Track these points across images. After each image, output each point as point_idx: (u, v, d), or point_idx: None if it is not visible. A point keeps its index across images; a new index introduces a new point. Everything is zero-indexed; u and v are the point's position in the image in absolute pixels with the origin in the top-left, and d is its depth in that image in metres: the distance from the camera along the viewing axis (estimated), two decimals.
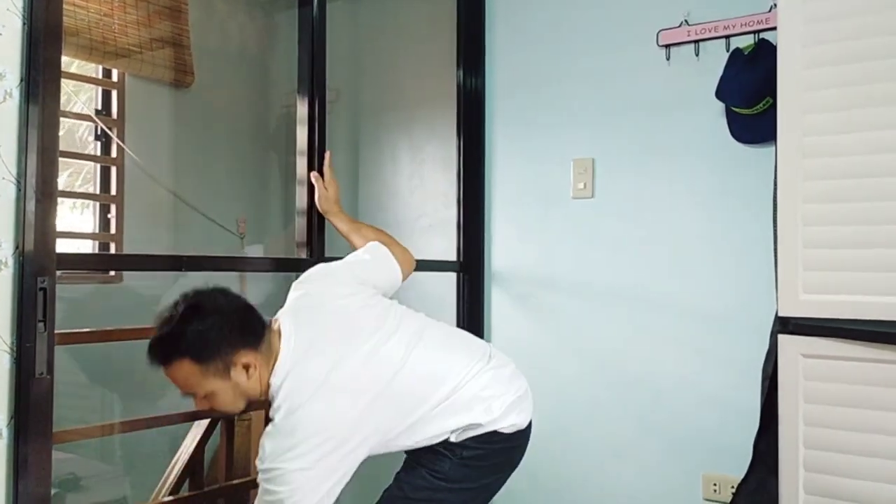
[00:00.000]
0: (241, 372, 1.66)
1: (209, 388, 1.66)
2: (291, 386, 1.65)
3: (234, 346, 1.65)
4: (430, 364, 1.78)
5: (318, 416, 1.62)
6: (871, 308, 1.68)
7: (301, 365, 1.67)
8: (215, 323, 1.64)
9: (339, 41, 3.29)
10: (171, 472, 2.39)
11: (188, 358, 1.62)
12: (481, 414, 1.76)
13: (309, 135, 2.42)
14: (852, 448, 1.71)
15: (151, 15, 3.26)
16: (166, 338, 1.64)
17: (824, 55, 1.74)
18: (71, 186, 3.44)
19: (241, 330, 1.67)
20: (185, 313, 1.64)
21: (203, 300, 1.68)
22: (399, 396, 1.72)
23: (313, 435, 1.60)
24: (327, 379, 1.65)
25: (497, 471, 1.86)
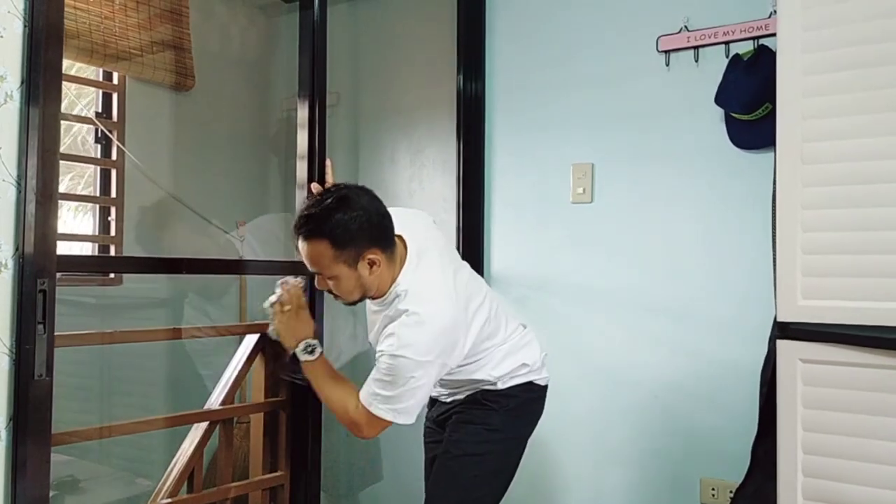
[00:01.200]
0: (367, 266, 1.86)
1: (335, 271, 1.86)
2: (420, 288, 1.89)
3: (368, 243, 1.85)
4: (499, 306, 2.12)
5: (444, 317, 1.87)
6: (870, 314, 1.68)
7: (425, 272, 1.92)
8: (358, 217, 1.84)
9: (340, 45, 3.30)
10: (170, 475, 2.38)
11: (327, 240, 1.82)
12: (529, 356, 2.08)
13: (309, 138, 2.42)
14: (851, 453, 1.71)
15: (152, 18, 3.26)
16: (314, 217, 1.84)
17: (824, 61, 1.74)
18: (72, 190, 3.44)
19: (377, 231, 1.88)
20: (335, 201, 1.84)
21: (352, 194, 1.88)
22: (486, 319, 2.00)
23: (439, 334, 1.85)
24: (447, 286, 1.92)
25: (532, 421, 2.13)
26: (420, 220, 2.15)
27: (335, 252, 1.83)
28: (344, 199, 1.86)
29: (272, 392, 2.60)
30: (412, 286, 1.89)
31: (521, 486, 2.65)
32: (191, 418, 2.49)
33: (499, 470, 2.06)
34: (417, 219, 2.15)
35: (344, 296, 1.93)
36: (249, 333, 2.65)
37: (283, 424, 2.55)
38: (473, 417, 2.05)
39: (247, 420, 2.82)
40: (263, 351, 2.61)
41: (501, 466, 2.07)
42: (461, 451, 2.04)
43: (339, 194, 1.87)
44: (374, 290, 1.92)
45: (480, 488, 2.04)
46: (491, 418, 2.03)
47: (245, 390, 2.75)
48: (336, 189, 1.91)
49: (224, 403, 2.50)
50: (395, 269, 1.93)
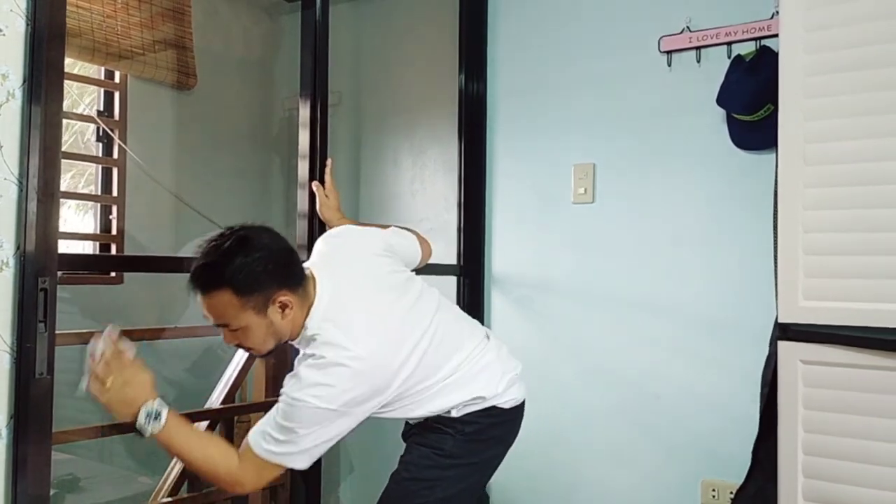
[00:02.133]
0: (277, 311, 1.67)
1: (244, 321, 1.66)
2: (332, 329, 1.68)
3: (275, 284, 1.66)
4: (448, 335, 1.85)
5: (360, 361, 1.64)
6: (871, 315, 1.68)
7: (337, 312, 1.71)
8: (261, 258, 1.64)
9: (342, 44, 3.30)
10: (171, 474, 2.39)
11: (230, 289, 1.62)
12: (484, 387, 1.84)
13: (311, 138, 2.42)
14: (851, 455, 1.71)
15: (154, 17, 3.27)
16: (211, 266, 1.63)
17: (826, 62, 1.74)
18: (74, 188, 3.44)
19: (284, 270, 1.69)
20: (232, 245, 1.64)
21: (251, 234, 1.68)
22: (422, 359, 1.77)
23: (350, 379, 1.63)
24: (370, 325, 1.71)
25: (496, 445, 1.92)
26: (353, 244, 1.95)
27: (241, 300, 1.62)
28: (243, 240, 1.65)
29: (273, 391, 2.60)
30: (321, 329, 1.68)
31: (521, 487, 2.66)
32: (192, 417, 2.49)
33: (450, 497, 1.84)
34: (351, 243, 1.95)
35: (256, 347, 1.73)
36: None
37: None
38: (427, 440, 1.85)
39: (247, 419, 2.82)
40: None
41: (453, 493, 1.84)
42: (409, 475, 1.84)
43: (237, 236, 1.65)
44: (289, 335, 1.73)
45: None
46: (444, 443, 1.83)
47: (245, 389, 2.75)
48: (231, 231, 1.68)
49: (225, 402, 2.51)
50: (307, 306, 1.72)
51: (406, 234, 2.13)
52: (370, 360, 1.66)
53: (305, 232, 2.41)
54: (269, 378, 2.60)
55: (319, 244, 1.95)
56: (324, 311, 1.71)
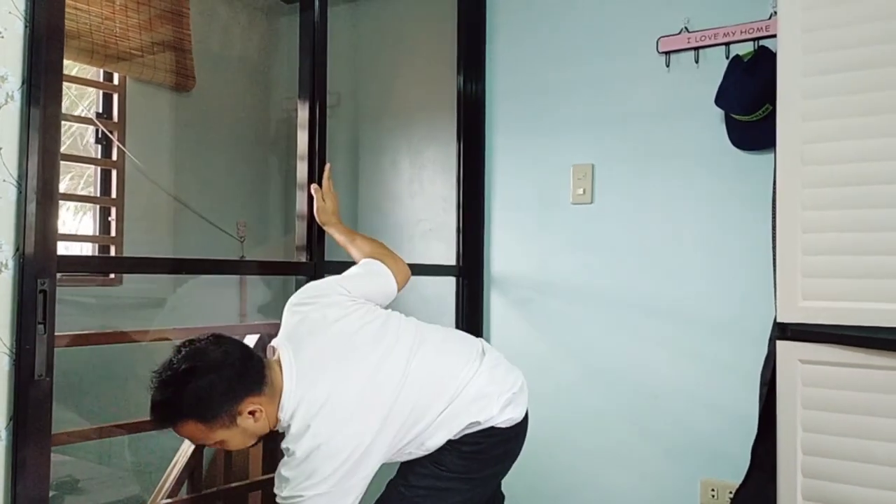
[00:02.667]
0: (248, 418, 1.65)
1: (218, 438, 1.66)
2: (302, 416, 1.66)
3: (237, 398, 1.63)
4: (431, 374, 1.81)
5: (333, 442, 1.64)
6: (869, 315, 1.68)
7: (307, 393, 1.68)
8: (213, 381, 1.61)
9: (340, 46, 3.30)
10: (170, 475, 2.39)
11: (191, 419, 1.62)
12: (479, 413, 1.80)
13: (309, 139, 2.42)
14: (850, 454, 1.71)
15: (153, 19, 3.27)
16: (167, 403, 1.63)
17: (824, 63, 1.75)
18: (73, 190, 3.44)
19: (241, 380, 1.65)
20: (181, 376, 1.61)
21: (198, 359, 1.64)
22: (405, 410, 1.74)
23: (329, 459, 1.63)
24: (336, 402, 1.67)
25: (497, 462, 1.90)
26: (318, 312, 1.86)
27: (206, 425, 1.62)
28: (190, 371, 1.61)
29: None
30: (293, 418, 1.67)
31: (521, 487, 2.65)
32: None
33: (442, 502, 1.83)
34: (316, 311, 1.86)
35: (240, 448, 1.75)
36: (249, 334, 2.66)
37: None
38: (424, 457, 1.84)
39: None
40: (263, 351, 2.61)
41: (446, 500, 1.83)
42: (405, 483, 1.84)
43: (184, 366, 1.62)
44: (268, 430, 1.72)
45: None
46: (442, 457, 1.81)
47: None
48: (179, 356, 1.65)
49: None
50: (277, 399, 1.69)
51: (377, 272, 2.03)
52: (343, 436, 1.65)
53: (304, 233, 2.41)
54: None
55: (286, 314, 1.89)
56: (290, 398, 1.68)
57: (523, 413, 1.91)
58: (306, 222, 2.39)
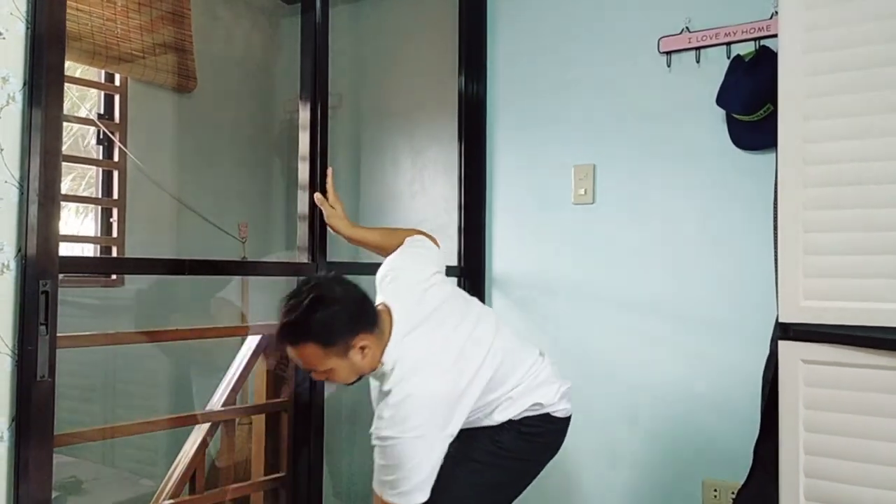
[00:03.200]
0: (358, 352, 1.83)
1: (329, 366, 1.84)
2: (402, 366, 1.85)
3: (354, 332, 1.82)
4: (509, 353, 2.01)
5: (427, 394, 1.82)
6: (872, 314, 1.67)
7: (410, 347, 1.87)
8: (336, 312, 1.82)
9: (342, 47, 3.30)
10: (172, 476, 2.39)
11: (313, 342, 1.81)
12: (542, 396, 2.02)
13: (311, 140, 2.43)
14: (853, 454, 1.71)
15: (154, 20, 3.27)
16: (295, 324, 1.82)
17: (825, 62, 1.74)
18: (75, 191, 3.45)
19: (359, 317, 1.85)
20: (310, 303, 1.81)
21: (325, 290, 1.85)
22: (486, 377, 1.93)
23: (422, 409, 1.80)
24: (433, 359, 1.87)
25: (546, 449, 2.10)
26: (418, 268, 2.08)
27: (324, 350, 1.81)
28: (318, 299, 1.81)
29: (274, 393, 2.61)
30: (397, 363, 1.85)
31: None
32: (193, 419, 2.49)
33: (495, 485, 2.01)
34: (415, 267, 2.08)
35: (342, 381, 1.92)
36: (251, 335, 2.66)
37: (284, 426, 2.55)
38: (488, 432, 2.00)
39: (248, 421, 2.83)
40: (265, 352, 2.62)
41: (499, 482, 2.01)
42: (463, 456, 1.97)
43: (313, 294, 1.82)
44: (369, 369, 1.89)
45: (470, 496, 1.97)
46: (500, 435, 2.00)
47: (247, 392, 2.75)
48: (308, 287, 1.86)
49: (226, 405, 2.51)
50: (384, 342, 1.88)
51: (425, 244, 2.22)
52: (440, 390, 1.84)
53: (306, 234, 2.41)
54: (270, 381, 2.61)
55: (384, 273, 2.07)
56: (395, 347, 1.87)
57: (571, 412, 2.11)
58: (308, 223, 2.40)
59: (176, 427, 2.49)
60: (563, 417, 2.08)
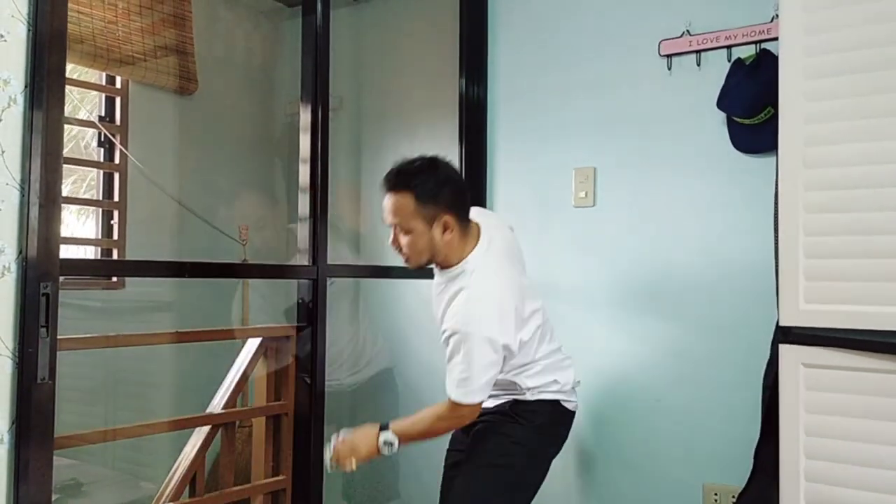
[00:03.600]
0: (440, 228, 2.01)
1: (412, 225, 2.01)
2: (485, 270, 2.03)
3: (447, 207, 2.01)
4: (549, 322, 2.22)
5: (504, 298, 1.99)
6: (872, 318, 1.67)
7: (491, 261, 2.06)
8: (442, 180, 2.02)
9: (343, 49, 3.31)
10: (172, 479, 2.39)
11: (411, 193, 1.99)
12: (562, 378, 2.16)
13: (312, 142, 2.43)
14: (854, 458, 1.71)
15: (156, 23, 3.28)
16: (405, 171, 2.03)
17: (826, 65, 1.74)
18: (75, 193, 3.45)
19: (457, 198, 2.05)
20: (425, 163, 2.05)
21: (441, 162, 2.08)
22: (531, 333, 2.08)
23: (497, 314, 1.97)
24: (509, 279, 2.05)
25: (554, 442, 2.20)
26: (499, 221, 2.28)
27: (416, 206, 1.99)
28: (433, 163, 2.05)
29: (275, 396, 2.60)
30: (479, 267, 2.02)
31: None
32: (193, 422, 2.49)
33: (518, 483, 2.09)
34: (496, 219, 2.30)
35: (414, 256, 2.05)
36: (252, 337, 2.66)
37: (285, 428, 2.55)
38: (498, 429, 2.11)
39: (249, 424, 2.82)
40: (266, 355, 2.61)
41: (521, 480, 2.10)
42: (485, 462, 2.08)
43: (429, 159, 2.06)
44: (442, 258, 2.06)
45: (497, 499, 2.07)
46: (516, 431, 2.09)
47: (247, 394, 2.75)
48: (426, 156, 2.09)
49: (226, 407, 2.51)
50: (466, 247, 2.06)
51: None
52: (512, 302, 2.00)
53: (307, 235, 2.41)
54: (271, 383, 2.61)
55: (475, 210, 2.19)
56: (481, 256, 2.05)
57: (577, 406, 2.24)
58: (309, 225, 2.40)
59: (176, 430, 2.49)
60: (572, 410, 2.20)
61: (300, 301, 2.46)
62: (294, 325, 2.50)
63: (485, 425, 2.13)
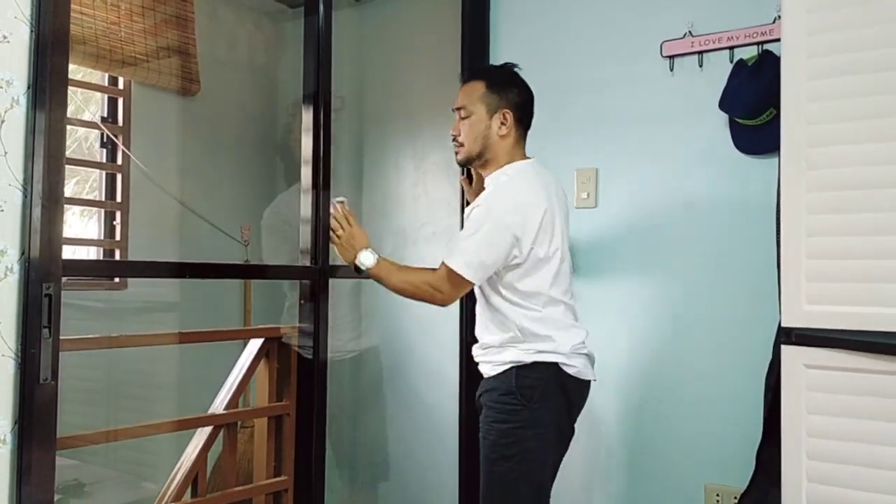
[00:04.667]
0: (499, 121, 2.16)
1: (474, 109, 2.18)
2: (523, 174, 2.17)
3: (511, 103, 2.18)
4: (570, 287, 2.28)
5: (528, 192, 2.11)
6: (874, 319, 1.67)
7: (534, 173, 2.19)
8: (515, 82, 2.22)
9: (345, 50, 3.31)
10: (174, 479, 2.39)
11: (484, 80, 2.20)
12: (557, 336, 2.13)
13: (314, 143, 2.43)
14: (856, 459, 1.71)
15: (158, 24, 3.28)
16: (483, 66, 2.36)
17: (828, 66, 1.74)
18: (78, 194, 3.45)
19: (522, 103, 2.22)
20: (504, 64, 2.27)
21: (517, 72, 2.26)
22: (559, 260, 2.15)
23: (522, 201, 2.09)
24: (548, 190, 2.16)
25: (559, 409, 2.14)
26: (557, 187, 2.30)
27: (484, 92, 2.17)
28: (511, 67, 2.25)
29: (276, 397, 2.61)
30: (519, 171, 2.17)
31: None
32: (195, 422, 2.49)
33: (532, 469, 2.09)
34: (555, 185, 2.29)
35: (468, 144, 2.19)
36: (254, 338, 2.66)
37: (287, 429, 2.55)
38: (501, 416, 2.09)
39: (251, 424, 2.83)
40: (268, 355, 2.62)
41: (535, 465, 2.10)
42: (497, 455, 2.08)
43: (511, 64, 2.26)
44: (491, 155, 2.19)
45: (520, 487, 2.08)
46: (518, 416, 2.08)
47: (249, 395, 2.75)
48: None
49: (228, 408, 2.51)
50: (514, 155, 2.19)
51: None
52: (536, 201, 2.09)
53: (309, 237, 2.41)
54: (273, 383, 2.61)
55: None
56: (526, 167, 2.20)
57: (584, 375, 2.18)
58: (311, 226, 2.40)
59: (179, 430, 2.49)
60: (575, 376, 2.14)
61: (301, 302, 2.46)
62: (296, 326, 2.50)
63: (488, 410, 2.12)
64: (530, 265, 2.08)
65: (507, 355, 2.12)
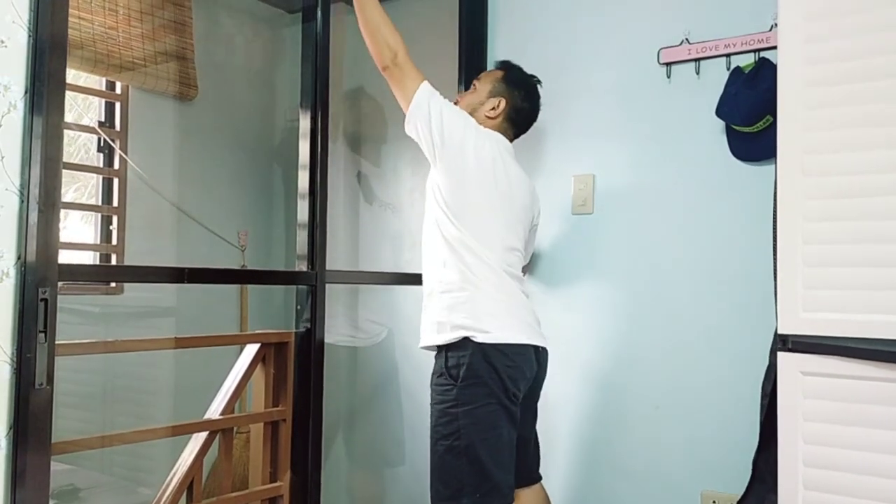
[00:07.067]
0: (493, 103, 2.37)
1: (481, 85, 2.42)
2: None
3: (512, 99, 2.39)
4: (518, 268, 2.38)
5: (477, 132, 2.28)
6: (871, 326, 1.67)
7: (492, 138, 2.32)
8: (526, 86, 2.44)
9: (342, 52, 3.31)
10: (170, 485, 2.38)
11: (504, 70, 2.45)
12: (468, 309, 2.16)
13: (311, 148, 2.43)
14: (852, 467, 1.71)
15: (156, 29, 3.28)
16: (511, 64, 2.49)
17: (825, 74, 1.75)
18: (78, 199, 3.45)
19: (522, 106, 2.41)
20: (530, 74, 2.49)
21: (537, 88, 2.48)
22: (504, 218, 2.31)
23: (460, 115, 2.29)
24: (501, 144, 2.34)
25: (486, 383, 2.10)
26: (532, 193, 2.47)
27: (498, 79, 2.40)
28: (533, 79, 2.47)
29: (273, 402, 2.60)
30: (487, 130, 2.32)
31: None
32: (191, 428, 2.49)
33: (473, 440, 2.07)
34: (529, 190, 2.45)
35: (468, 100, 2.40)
36: (250, 343, 2.66)
37: (283, 434, 2.55)
38: (438, 398, 2.15)
39: (247, 430, 2.82)
40: (264, 361, 2.61)
41: (475, 436, 2.07)
42: (438, 435, 2.13)
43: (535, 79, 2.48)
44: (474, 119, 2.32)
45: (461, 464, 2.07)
46: (449, 394, 2.12)
47: (245, 400, 2.75)
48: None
49: (224, 413, 2.51)
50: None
51: None
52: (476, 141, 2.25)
53: (306, 242, 2.41)
54: (269, 389, 2.61)
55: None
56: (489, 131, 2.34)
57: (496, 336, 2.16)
58: (307, 231, 2.40)
59: (174, 435, 2.48)
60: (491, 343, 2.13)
61: (298, 308, 2.46)
62: (292, 332, 2.50)
63: (433, 392, 2.18)
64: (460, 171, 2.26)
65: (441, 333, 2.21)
